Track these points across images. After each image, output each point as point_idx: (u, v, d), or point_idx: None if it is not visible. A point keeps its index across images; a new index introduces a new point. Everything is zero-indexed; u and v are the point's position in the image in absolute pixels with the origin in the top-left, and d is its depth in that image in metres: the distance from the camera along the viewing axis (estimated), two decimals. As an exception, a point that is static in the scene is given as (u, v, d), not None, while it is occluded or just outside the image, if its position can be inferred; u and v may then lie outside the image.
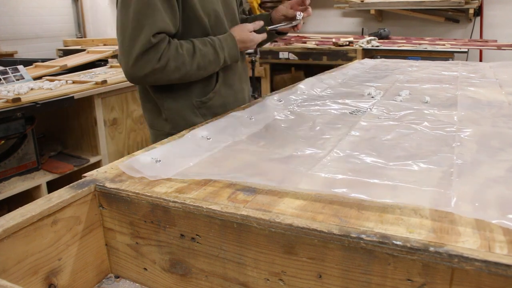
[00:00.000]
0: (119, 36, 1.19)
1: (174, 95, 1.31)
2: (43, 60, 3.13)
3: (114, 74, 2.56)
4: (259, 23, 1.40)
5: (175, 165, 0.90)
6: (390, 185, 0.77)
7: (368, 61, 2.65)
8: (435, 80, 1.89)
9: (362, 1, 4.52)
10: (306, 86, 1.73)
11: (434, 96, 1.53)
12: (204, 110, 1.34)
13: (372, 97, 1.53)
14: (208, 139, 1.06)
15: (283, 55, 3.98)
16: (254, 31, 1.37)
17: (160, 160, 0.91)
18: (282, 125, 1.21)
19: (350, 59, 3.53)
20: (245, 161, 0.93)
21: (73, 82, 2.31)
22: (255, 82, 3.98)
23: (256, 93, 4.12)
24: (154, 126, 1.38)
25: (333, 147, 0.99)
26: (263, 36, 1.40)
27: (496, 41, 4.00)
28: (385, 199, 0.71)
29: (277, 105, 1.42)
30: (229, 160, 0.93)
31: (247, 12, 1.74)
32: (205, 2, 1.27)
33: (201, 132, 1.09)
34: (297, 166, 0.88)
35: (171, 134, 1.15)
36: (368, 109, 1.36)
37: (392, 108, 1.36)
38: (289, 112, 1.35)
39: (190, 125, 1.23)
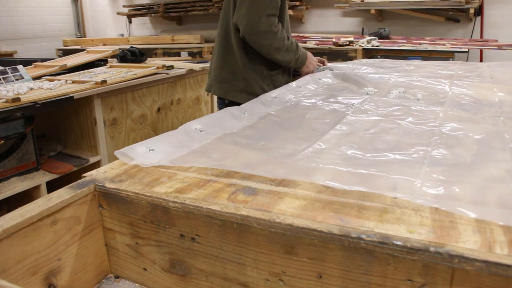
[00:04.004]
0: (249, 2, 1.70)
1: (253, 67, 1.85)
2: (43, 60, 3.12)
3: (114, 74, 2.56)
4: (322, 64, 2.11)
5: (167, 153, 0.94)
6: (362, 174, 0.81)
7: (368, 61, 2.65)
8: (430, 78, 1.91)
9: (362, 1, 4.51)
10: (302, 83, 1.76)
11: (425, 94, 1.56)
12: (269, 81, 1.88)
13: (366, 94, 1.56)
14: (201, 131, 1.10)
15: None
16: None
17: (153, 149, 0.95)
18: (273, 120, 1.25)
19: (350, 59, 3.52)
20: (232, 151, 0.97)
21: (73, 82, 2.31)
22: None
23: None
24: (230, 82, 1.87)
25: (317, 140, 1.03)
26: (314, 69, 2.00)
27: (496, 40, 4.00)
28: (354, 186, 0.75)
29: (271, 102, 1.46)
30: (217, 150, 0.98)
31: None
32: (284, 12, 1.87)
33: (194, 124, 1.12)
34: (278, 156, 0.93)
35: (245, 91, 1.80)
36: (358, 105, 1.39)
37: (382, 104, 1.40)
38: (281, 108, 1.39)
39: (259, 87, 1.84)
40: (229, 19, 1.82)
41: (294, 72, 2.02)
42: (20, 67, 2.42)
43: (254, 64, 1.84)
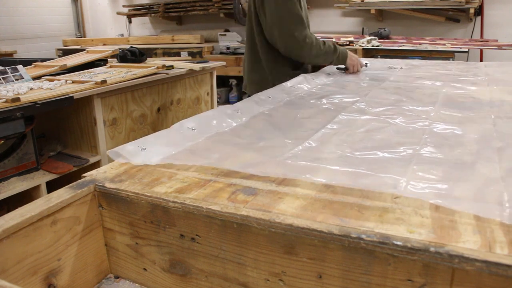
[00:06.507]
0: (282, 16, 1.94)
1: (278, 69, 2.12)
2: (43, 60, 3.12)
3: (113, 74, 2.56)
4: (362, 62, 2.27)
5: (158, 152, 0.96)
6: (349, 172, 0.82)
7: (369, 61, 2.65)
8: (427, 77, 1.92)
9: (363, 1, 4.51)
10: (296, 83, 1.77)
11: (419, 93, 1.57)
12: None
13: (357, 94, 1.57)
14: (193, 130, 1.10)
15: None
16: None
17: (145, 148, 0.96)
18: (265, 119, 1.26)
19: (350, 59, 3.51)
20: (222, 149, 0.99)
21: (73, 82, 2.30)
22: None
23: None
24: (260, 83, 2.11)
25: (307, 138, 1.05)
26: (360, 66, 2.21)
27: (496, 40, 4.00)
28: (342, 182, 0.76)
29: (265, 101, 1.47)
30: (209, 149, 1.00)
31: (246, 13, 2.06)
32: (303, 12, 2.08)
33: (187, 123, 1.13)
34: (268, 154, 0.94)
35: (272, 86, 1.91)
36: (351, 105, 1.40)
37: (374, 104, 1.41)
38: (274, 107, 1.40)
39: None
40: (253, 32, 2.08)
41: (339, 68, 2.22)
42: (20, 67, 2.42)
43: (278, 67, 2.12)
